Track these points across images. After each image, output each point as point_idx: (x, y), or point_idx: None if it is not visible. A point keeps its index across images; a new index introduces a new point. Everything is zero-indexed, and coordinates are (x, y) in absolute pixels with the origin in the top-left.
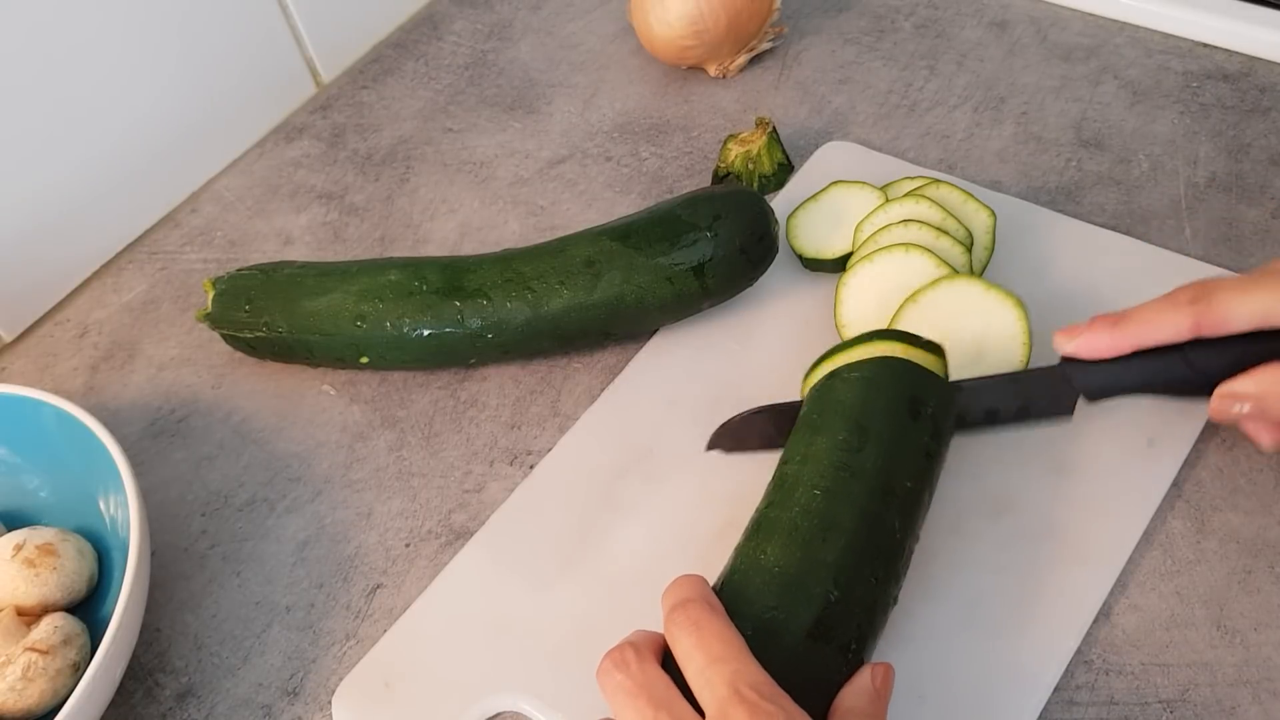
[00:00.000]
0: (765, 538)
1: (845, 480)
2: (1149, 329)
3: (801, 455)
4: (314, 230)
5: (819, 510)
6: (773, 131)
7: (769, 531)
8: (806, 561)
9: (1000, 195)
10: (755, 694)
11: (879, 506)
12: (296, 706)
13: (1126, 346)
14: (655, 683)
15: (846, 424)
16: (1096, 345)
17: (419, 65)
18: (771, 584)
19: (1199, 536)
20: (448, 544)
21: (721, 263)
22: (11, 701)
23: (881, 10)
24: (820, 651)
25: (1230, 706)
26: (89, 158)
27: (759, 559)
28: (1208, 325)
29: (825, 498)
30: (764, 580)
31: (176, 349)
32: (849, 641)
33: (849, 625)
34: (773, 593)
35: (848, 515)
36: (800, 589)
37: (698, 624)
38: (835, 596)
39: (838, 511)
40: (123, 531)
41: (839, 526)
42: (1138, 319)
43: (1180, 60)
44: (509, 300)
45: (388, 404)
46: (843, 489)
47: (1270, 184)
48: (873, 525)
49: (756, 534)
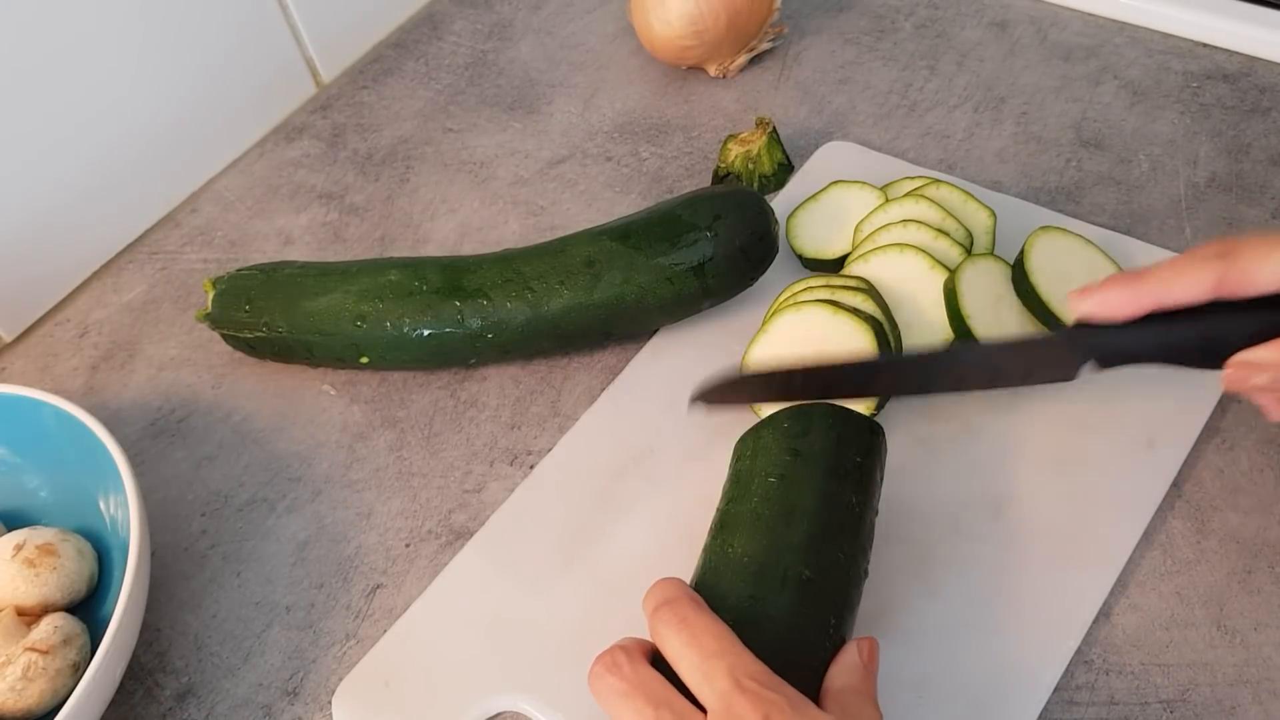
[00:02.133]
0: (731, 532)
1: (797, 465)
2: (1168, 288)
3: (751, 450)
4: (314, 230)
5: (777, 496)
6: (773, 131)
7: (733, 526)
8: (774, 547)
9: (1000, 195)
10: (756, 684)
11: (834, 485)
12: (296, 706)
13: (1145, 305)
14: (650, 681)
15: (789, 413)
16: (1111, 304)
17: (419, 65)
18: (744, 574)
19: (1199, 536)
20: (448, 544)
21: (721, 263)
22: (11, 701)
23: (881, 10)
24: (803, 633)
25: (1230, 706)
26: (89, 158)
27: (728, 553)
28: (1232, 283)
29: (781, 484)
30: (736, 572)
31: (176, 349)
32: (828, 619)
33: (826, 604)
34: (747, 583)
35: (807, 497)
36: (773, 574)
37: (685, 621)
38: (808, 576)
39: (795, 494)
40: (123, 531)
41: (799, 509)
42: (1157, 276)
43: (1180, 60)
44: (509, 300)
45: (388, 404)
46: (796, 473)
47: (1270, 184)
48: (831, 503)
49: (721, 531)
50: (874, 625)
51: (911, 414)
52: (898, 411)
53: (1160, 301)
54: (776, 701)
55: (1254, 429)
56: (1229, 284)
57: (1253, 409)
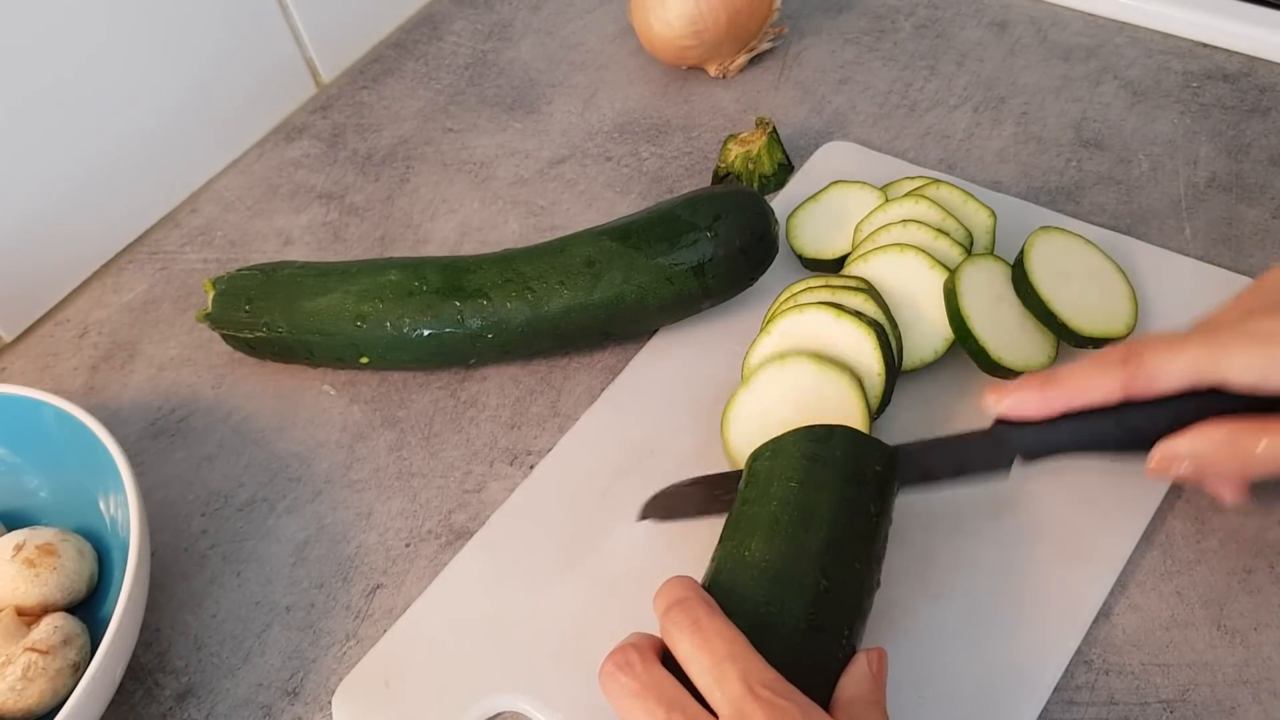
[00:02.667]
0: (747, 534)
1: (818, 470)
2: (1078, 391)
3: (771, 450)
4: (314, 230)
5: (797, 501)
6: (773, 131)
7: (750, 527)
8: (792, 553)
9: (1000, 195)
10: (769, 691)
11: (854, 492)
12: (296, 706)
13: (1056, 408)
14: (663, 682)
15: (809, 425)
16: (1024, 406)
17: (419, 65)
18: (761, 579)
19: (1199, 536)
20: (448, 544)
21: (721, 263)
22: (11, 701)
23: (881, 10)
24: (817, 642)
25: (1230, 706)
26: (89, 158)
27: (744, 555)
28: (1138, 387)
29: (801, 489)
30: (752, 576)
31: (176, 349)
32: (842, 629)
33: (840, 613)
34: (763, 588)
35: (826, 504)
36: (790, 581)
37: (697, 623)
38: (824, 586)
39: (816, 501)
40: (123, 531)
41: (819, 516)
42: (1066, 381)
43: (1180, 60)
44: (509, 300)
45: (388, 404)
46: (816, 478)
47: (1270, 184)
48: (851, 511)
49: (737, 531)
50: (875, 625)
51: (912, 414)
52: (898, 411)
53: (1071, 404)
54: (789, 710)
55: None
56: (1136, 387)
57: None
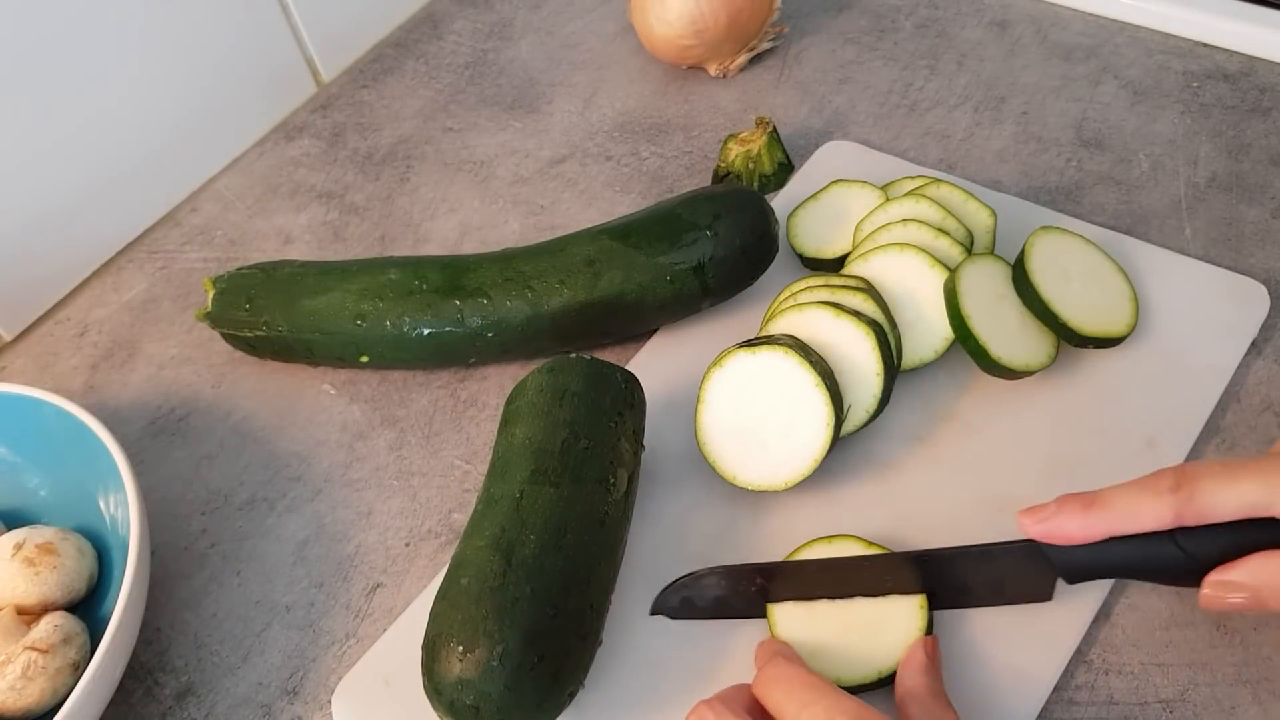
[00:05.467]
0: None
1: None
2: (1126, 518)
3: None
4: (314, 229)
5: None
6: (773, 131)
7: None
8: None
9: (1000, 195)
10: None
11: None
12: (296, 706)
13: (1099, 534)
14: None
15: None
16: (1066, 531)
17: (419, 64)
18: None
19: None
20: (448, 543)
21: (722, 262)
22: (11, 700)
23: (882, 10)
24: (579, 492)
25: (1230, 706)
26: (89, 157)
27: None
28: (1190, 516)
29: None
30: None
31: (176, 348)
32: (605, 477)
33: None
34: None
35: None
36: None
37: (783, 675)
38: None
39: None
40: (123, 531)
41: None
42: (1113, 505)
43: (1180, 60)
44: (509, 299)
45: (388, 403)
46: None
47: (1270, 184)
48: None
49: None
50: None
51: (912, 414)
52: (898, 412)
53: (1116, 531)
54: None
55: (1254, 429)
56: (1188, 517)
57: (1254, 409)
